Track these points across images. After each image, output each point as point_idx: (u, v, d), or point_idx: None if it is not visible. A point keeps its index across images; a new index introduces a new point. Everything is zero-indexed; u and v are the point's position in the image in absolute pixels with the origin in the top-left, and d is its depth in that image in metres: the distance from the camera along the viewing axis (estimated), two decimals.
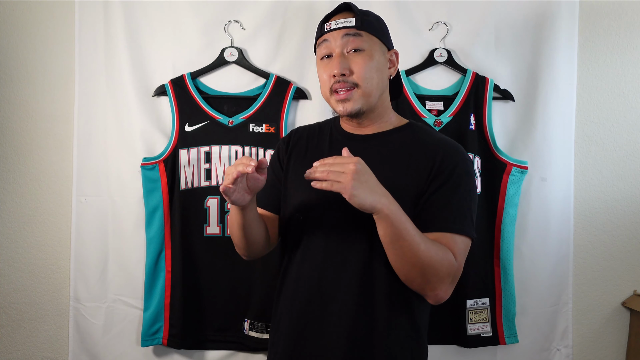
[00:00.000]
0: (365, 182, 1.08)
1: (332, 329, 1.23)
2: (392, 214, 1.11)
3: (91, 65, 1.84)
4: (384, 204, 1.10)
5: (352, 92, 1.24)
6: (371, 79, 1.24)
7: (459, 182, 1.22)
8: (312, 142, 1.37)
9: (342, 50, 1.25)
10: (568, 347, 1.92)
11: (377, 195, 1.09)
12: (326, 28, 1.27)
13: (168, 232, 1.82)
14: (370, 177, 1.11)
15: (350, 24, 1.24)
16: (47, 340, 1.91)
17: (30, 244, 1.90)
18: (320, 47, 1.29)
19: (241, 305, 1.82)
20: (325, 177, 1.07)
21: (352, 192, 1.06)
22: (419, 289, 1.20)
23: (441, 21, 1.86)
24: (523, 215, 1.86)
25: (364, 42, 1.25)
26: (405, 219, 1.13)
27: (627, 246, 1.97)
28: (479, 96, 1.84)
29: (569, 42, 1.88)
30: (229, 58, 1.84)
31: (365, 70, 1.23)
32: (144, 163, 1.81)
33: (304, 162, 1.34)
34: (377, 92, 1.27)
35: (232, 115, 1.83)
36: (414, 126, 1.33)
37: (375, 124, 1.31)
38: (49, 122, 1.88)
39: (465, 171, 1.24)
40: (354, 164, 1.07)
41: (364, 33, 1.25)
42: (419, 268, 1.15)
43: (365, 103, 1.25)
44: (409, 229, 1.13)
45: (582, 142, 1.95)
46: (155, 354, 1.86)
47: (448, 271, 1.17)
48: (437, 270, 1.16)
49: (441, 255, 1.16)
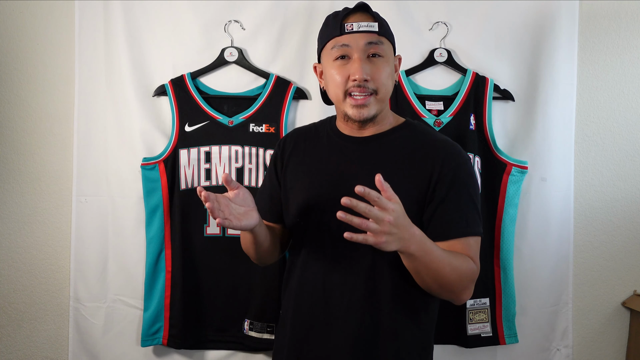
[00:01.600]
0: (397, 233, 1.03)
1: (337, 333, 1.23)
2: (417, 252, 1.09)
3: (91, 65, 1.84)
4: (408, 247, 1.07)
5: (370, 99, 1.22)
6: (388, 86, 1.24)
7: (464, 185, 1.23)
8: (309, 144, 1.35)
9: (363, 54, 1.22)
10: (568, 347, 1.92)
11: (405, 242, 1.06)
12: (347, 29, 1.23)
13: (168, 232, 1.82)
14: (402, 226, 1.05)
15: (374, 29, 1.22)
16: (47, 340, 1.91)
17: (30, 244, 1.90)
18: (336, 48, 1.24)
19: (241, 305, 1.82)
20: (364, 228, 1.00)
21: (383, 247, 1.03)
22: (446, 298, 1.22)
23: (441, 21, 1.86)
24: (523, 215, 1.86)
25: (383, 49, 1.24)
26: (427, 247, 1.11)
27: (627, 246, 1.97)
28: (479, 96, 1.83)
29: (569, 42, 1.88)
30: (229, 58, 1.84)
31: (384, 77, 1.22)
32: (144, 163, 1.81)
33: (301, 166, 1.33)
34: (388, 98, 1.28)
35: (232, 115, 1.83)
36: (411, 125, 1.33)
37: (375, 126, 1.30)
38: (49, 122, 1.88)
39: (468, 173, 1.25)
40: (392, 216, 1.01)
41: (384, 39, 1.24)
42: (445, 285, 1.16)
43: (379, 109, 1.25)
44: (433, 257, 1.11)
45: (582, 142, 1.95)
46: (155, 354, 1.86)
47: (471, 278, 1.20)
48: (462, 282, 1.18)
49: (464, 267, 1.18)
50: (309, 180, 1.30)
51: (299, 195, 1.31)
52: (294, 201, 1.32)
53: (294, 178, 1.34)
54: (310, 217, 1.28)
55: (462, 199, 1.22)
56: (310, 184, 1.29)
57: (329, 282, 1.25)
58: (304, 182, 1.31)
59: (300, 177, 1.33)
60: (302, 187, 1.31)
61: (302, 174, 1.32)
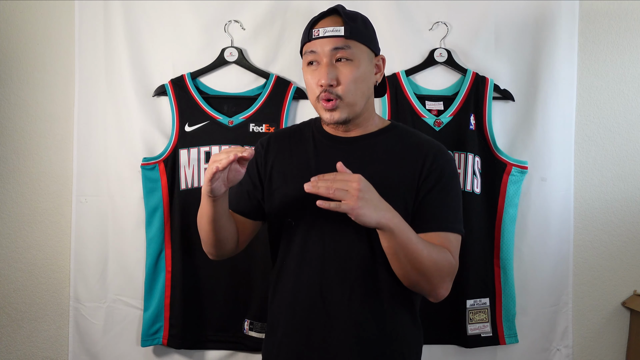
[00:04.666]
0: (370, 199, 1.08)
1: (338, 334, 1.22)
2: (396, 227, 1.12)
3: (91, 65, 1.84)
4: (388, 218, 1.10)
5: (336, 103, 1.23)
6: (356, 90, 1.23)
7: (449, 183, 1.26)
8: (295, 145, 1.35)
9: (330, 59, 1.23)
10: (568, 347, 1.92)
11: (382, 212, 1.10)
12: (313, 35, 1.24)
13: (168, 232, 1.82)
14: (373, 193, 1.11)
15: (339, 33, 1.22)
16: (47, 340, 1.91)
17: (30, 244, 1.90)
18: (307, 53, 1.26)
19: (241, 305, 1.82)
20: (331, 195, 1.06)
21: (359, 212, 1.06)
22: (422, 291, 1.22)
23: (441, 21, 1.86)
24: (523, 215, 1.86)
25: (351, 52, 1.23)
26: (406, 228, 1.14)
27: (627, 246, 1.97)
28: (479, 96, 1.84)
29: (569, 42, 1.88)
30: (229, 58, 1.84)
31: (350, 81, 1.22)
32: (144, 163, 1.81)
33: (289, 167, 1.32)
34: (362, 101, 1.26)
35: (232, 115, 1.83)
36: (398, 127, 1.35)
37: (360, 128, 1.30)
38: (49, 122, 1.88)
39: (453, 172, 1.29)
40: (357, 182, 1.07)
41: (352, 42, 1.23)
42: (422, 273, 1.17)
43: (351, 112, 1.25)
44: (411, 238, 1.14)
45: (582, 142, 1.95)
46: (155, 354, 1.86)
47: (448, 271, 1.21)
48: (439, 273, 1.19)
49: (442, 257, 1.19)
50: (298, 180, 1.26)
51: (288, 195, 1.30)
52: (281, 201, 1.31)
53: (280, 178, 1.33)
54: (301, 217, 1.28)
55: (446, 195, 1.25)
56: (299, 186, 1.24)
57: (327, 282, 1.24)
58: (293, 182, 1.29)
59: (288, 177, 1.32)
60: (292, 187, 1.29)
61: (290, 175, 1.31)
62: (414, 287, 1.22)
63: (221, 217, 1.25)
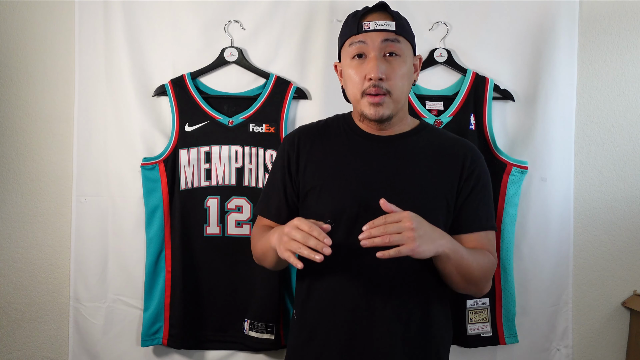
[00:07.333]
0: (425, 233, 1.09)
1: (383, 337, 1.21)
2: (451, 251, 1.15)
3: (91, 65, 1.84)
4: (444, 245, 1.13)
5: (384, 98, 1.22)
6: (402, 86, 1.24)
7: (486, 183, 1.31)
8: (327, 143, 1.33)
9: (379, 53, 1.22)
10: (568, 347, 1.92)
11: (438, 241, 1.12)
12: (364, 27, 1.23)
13: (168, 232, 1.82)
14: (426, 226, 1.11)
15: (391, 28, 1.22)
16: (47, 340, 1.91)
17: (30, 244, 1.90)
18: (353, 45, 1.25)
19: (241, 305, 1.82)
20: (387, 243, 1.06)
21: (418, 250, 1.08)
22: (469, 293, 1.29)
23: (441, 21, 1.86)
24: (523, 215, 1.86)
25: (400, 47, 1.23)
26: (458, 247, 1.18)
27: (627, 246, 1.97)
28: (478, 96, 1.83)
29: (569, 42, 1.88)
30: (229, 58, 1.84)
31: (399, 77, 1.23)
32: (144, 163, 1.81)
33: (324, 166, 1.30)
34: (405, 98, 1.28)
35: (232, 115, 1.83)
36: (428, 127, 1.37)
37: (395, 127, 1.31)
38: (49, 122, 1.88)
39: (486, 171, 1.33)
40: (409, 221, 1.07)
41: (401, 38, 1.24)
42: (474, 283, 1.25)
43: (395, 108, 1.25)
44: (464, 256, 1.18)
45: (582, 142, 1.95)
46: (155, 354, 1.86)
47: (492, 272, 1.29)
48: (486, 277, 1.28)
49: (487, 262, 1.26)
50: (337, 180, 1.28)
51: (328, 196, 1.28)
52: (320, 202, 1.29)
53: (316, 177, 1.30)
54: (341, 218, 1.25)
55: (484, 194, 1.30)
56: (339, 185, 1.27)
57: (369, 283, 1.22)
58: (332, 182, 1.28)
59: (324, 176, 1.29)
60: (331, 187, 1.28)
61: (327, 174, 1.29)
62: (461, 292, 1.28)
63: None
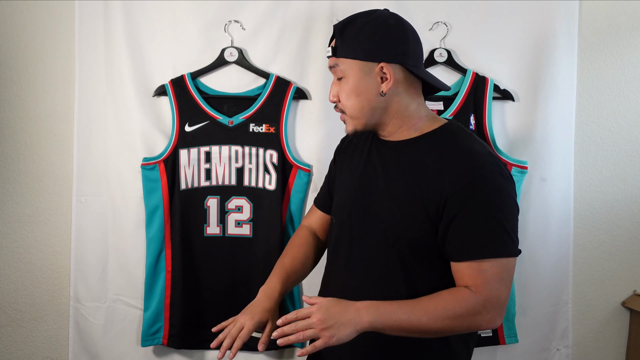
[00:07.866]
0: (336, 323, 1.07)
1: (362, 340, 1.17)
2: (378, 323, 1.09)
3: (91, 65, 1.84)
4: (363, 323, 1.08)
5: (344, 116, 1.27)
6: (352, 104, 1.23)
7: (482, 201, 1.12)
8: (357, 145, 1.37)
9: (335, 77, 1.26)
10: (568, 347, 1.92)
11: (354, 322, 1.08)
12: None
13: (168, 232, 1.82)
14: (336, 313, 1.08)
15: (329, 54, 1.24)
16: (47, 340, 1.91)
17: (30, 244, 1.89)
18: None
19: (241, 305, 1.81)
20: (302, 340, 1.08)
21: (333, 341, 1.07)
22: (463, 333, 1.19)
23: (441, 21, 1.86)
24: (523, 215, 1.83)
25: (342, 70, 1.23)
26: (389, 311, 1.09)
27: (627, 246, 1.97)
28: (478, 96, 1.84)
29: (568, 42, 1.88)
30: (229, 58, 1.84)
31: (345, 97, 1.23)
32: (144, 163, 1.81)
33: (346, 169, 1.36)
34: (365, 113, 1.22)
35: (232, 115, 1.83)
36: (443, 131, 1.22)
37: (397, 132, 1.25)
38: (49, 122, 1.88)
39: (489, 187, 1.13)
40: (315, 317, 1.08)
41: (340, 60, 1.22)
42: (438, 332, 1.13)
43: (358, 124, 1.25)
44: (401, 318, 1.09)
45: (582, 142, 1.95)
46: (155, 354, 1.86)
47: (473, 310, 1.10)
48: (460, 321, 1.10)
49: (453, 307, 1.09)
50: (345, 182, 1.35)
51: (335, 196, 1.38)
52: (334, 201, 1.39)
53: (339, 179, 1.39)
54: (339, 216, 1.33)
55: (478, 217, 1.11)
56: (344, 185, 1.35)
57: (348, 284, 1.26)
58: (343, 185, 1.35)
59: (341, 176, 1.38)
60: (338, 187, 1.38)
61: (344, 174, 1.37)
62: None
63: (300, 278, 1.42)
